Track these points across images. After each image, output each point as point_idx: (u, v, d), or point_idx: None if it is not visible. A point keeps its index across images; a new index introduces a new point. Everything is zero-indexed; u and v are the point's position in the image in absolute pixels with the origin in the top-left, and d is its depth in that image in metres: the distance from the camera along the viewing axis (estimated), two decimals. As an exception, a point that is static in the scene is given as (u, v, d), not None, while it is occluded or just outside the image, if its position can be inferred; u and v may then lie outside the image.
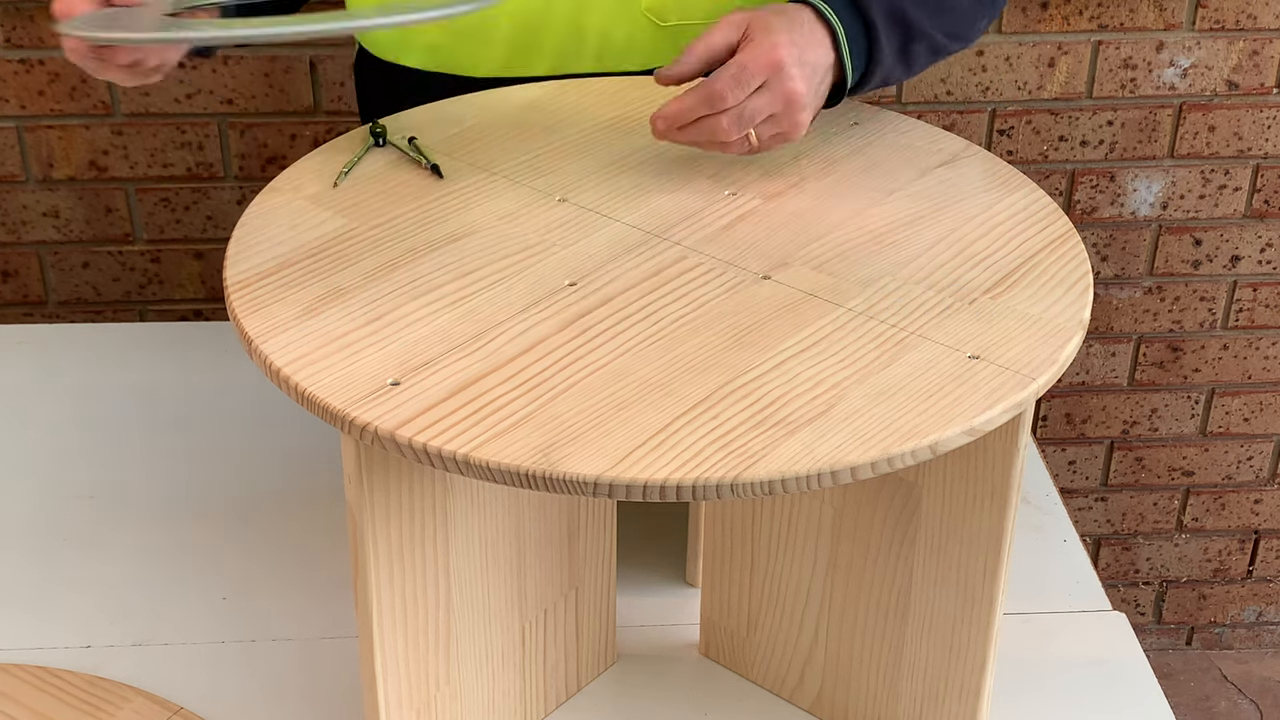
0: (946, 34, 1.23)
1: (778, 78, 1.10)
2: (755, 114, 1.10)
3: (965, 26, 1.25)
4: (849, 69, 1.15)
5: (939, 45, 1.23)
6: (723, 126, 1.10)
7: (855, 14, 1.16)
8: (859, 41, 1.16)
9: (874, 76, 1.18)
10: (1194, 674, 2.40)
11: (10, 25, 1.85)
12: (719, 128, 1.10)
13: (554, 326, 0.96)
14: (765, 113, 1.11)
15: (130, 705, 1.17)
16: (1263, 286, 2.14)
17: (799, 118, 1.12)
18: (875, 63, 1.17)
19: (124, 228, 1.99)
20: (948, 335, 0.96)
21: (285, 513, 1.39)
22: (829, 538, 1.12)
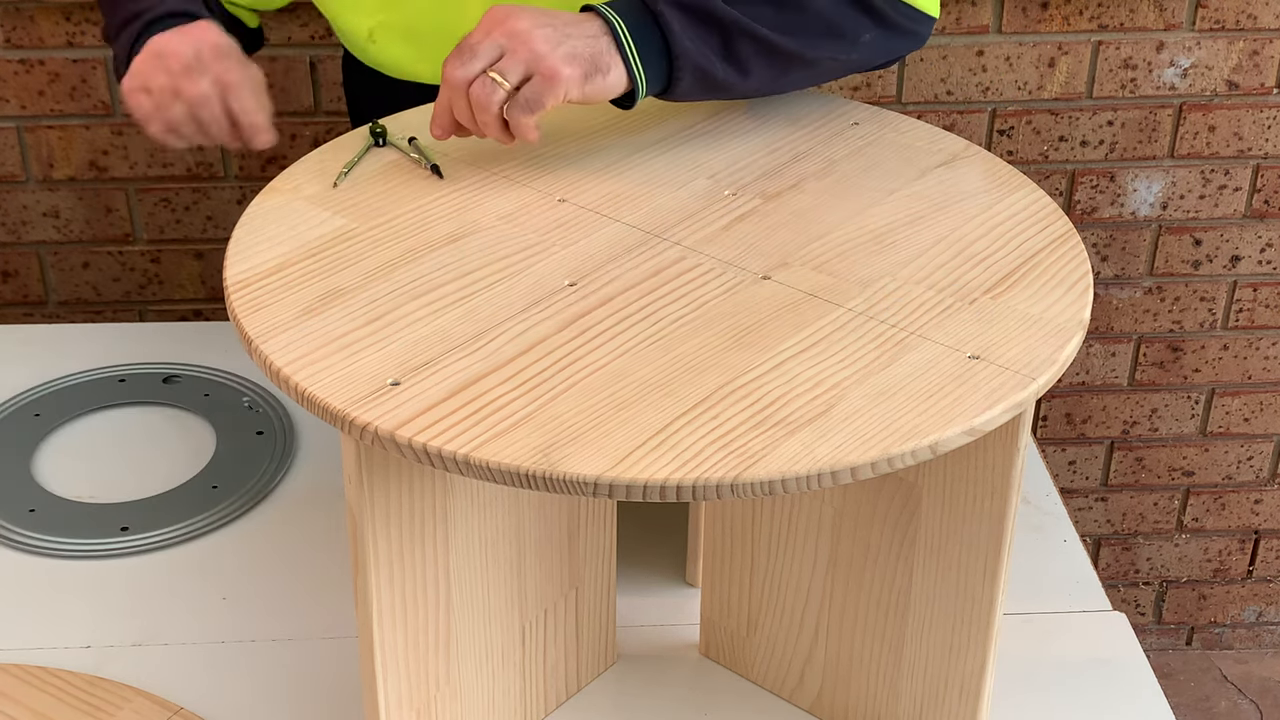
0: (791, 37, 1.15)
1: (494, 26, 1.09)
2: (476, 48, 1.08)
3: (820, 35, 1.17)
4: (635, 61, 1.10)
5: (781, 47, 1.15)
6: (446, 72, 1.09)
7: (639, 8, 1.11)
8: (647, 34, 1.11)
9: (683, 74, 1.12)
10: (1194, 674, 2.40)
11: (10, 25, 1.85)
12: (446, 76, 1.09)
13: (554, 326, 0.96)
14: (489, 48, 1.08)
15: (130, 705, 1.17)
16: (1263, 286, 2.14)
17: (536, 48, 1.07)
18: (678, 57, 1.11)
19: (124, 228, 1.99)
20: (948, 335, 0.96)
21: (285, 512, 1.39)
22: (829, 538, 1.12)
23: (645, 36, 1.11)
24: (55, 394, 1.53)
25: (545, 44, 1.08)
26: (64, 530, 1.36)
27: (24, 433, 1.48)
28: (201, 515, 1.38)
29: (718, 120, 1.23)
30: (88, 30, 1.85)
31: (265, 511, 1.39)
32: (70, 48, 1.86)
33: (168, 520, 1.37)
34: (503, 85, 1.08)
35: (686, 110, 1.25)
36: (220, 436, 1.47)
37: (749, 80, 1.17)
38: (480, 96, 1.08)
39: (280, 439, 1.47)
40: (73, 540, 1.35)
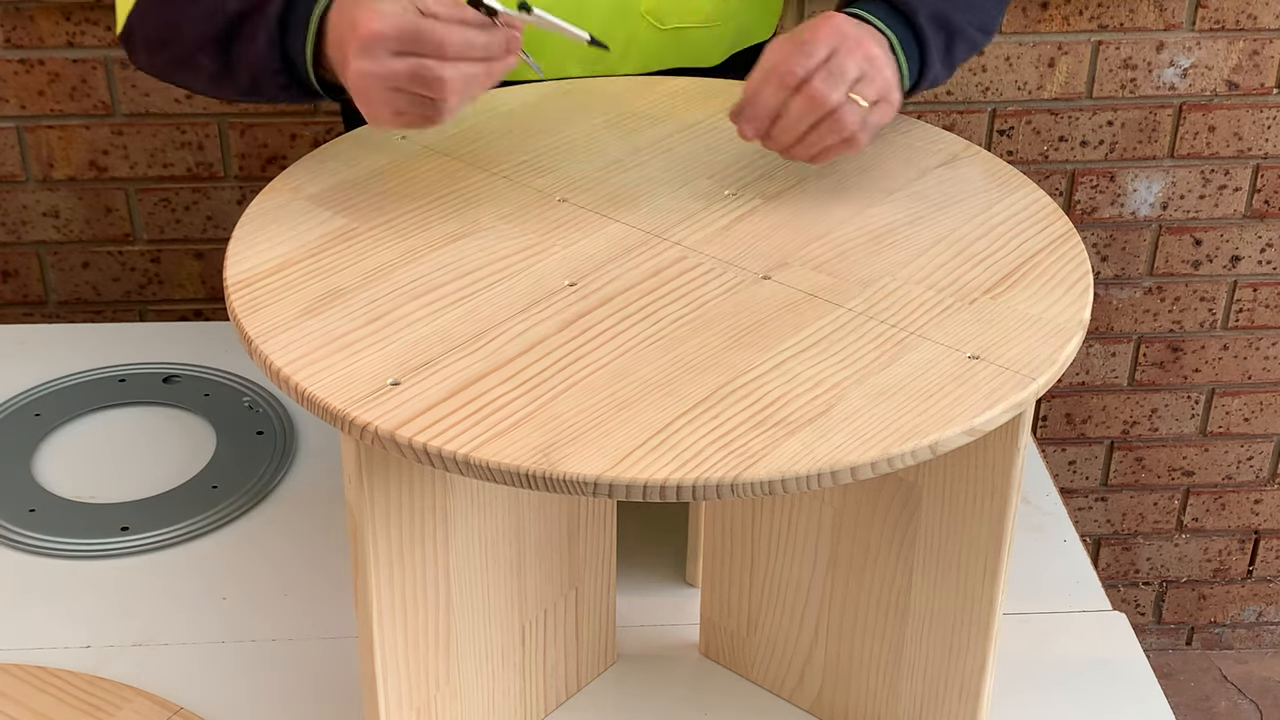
0: (979, 28, 1.21)
1: (845, 41, 1.06)
2: (844, 69, 1.05)
3: (991, 18, 1.24)
4: (904, 71, 1.12)
5: (974, 41, 1.21)
6: (817, 90, 1.04)
7: (901, 20, 1.13)
8: (910, 46, 1.13)
9: (925, 80, 1.16)
10: (1194, 674, 2.40)
11: (10, 25, 1.85)
12: (814, 94, 1.04)
13: (554, 326, 0.96)
14: (853, 69, 1.05)
15: (130, 705, 1.17)
16: (1263, 286, 2.14)
17: (887, 74, 1.07)
18: (927, 66, 1.15)
19: (124, 228, 1.99)
20: (948, 335, 0.96)
21: (285, 513, 1.39)
22: (829, 538, 1.12)
23: (910, 53, 1.13)
24: (55, 394, 1.53)
25: (892, 74, 1.08)
26: (64, 530, 1.36)
27: (24, 433, 1.48)
28: (201, 515, 1.38)
29: (718, 120, 1.23)
30: (88, 30, 1.85)
31: (265, 511, 1.39)
32: (70, 48, 1.86)
33: (168, 520, 1.37)
34: (863, 109, 1.06)
35: (686, 110, 1.25)
36: (220, 436, 1.47)
37: (950, 75, 1.21)
38: (848, 120, 1.05)
39: (280, 439, 1.47)
40: (73, 540, 1.35)
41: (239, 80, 1.13)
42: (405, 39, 1.00)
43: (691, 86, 1.29)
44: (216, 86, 1.17)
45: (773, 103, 1.06)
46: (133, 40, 1.20)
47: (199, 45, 1.13)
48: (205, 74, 1.15)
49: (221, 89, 1.17)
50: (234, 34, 1.11)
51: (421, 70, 1.00)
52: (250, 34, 1.09)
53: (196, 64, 1.14)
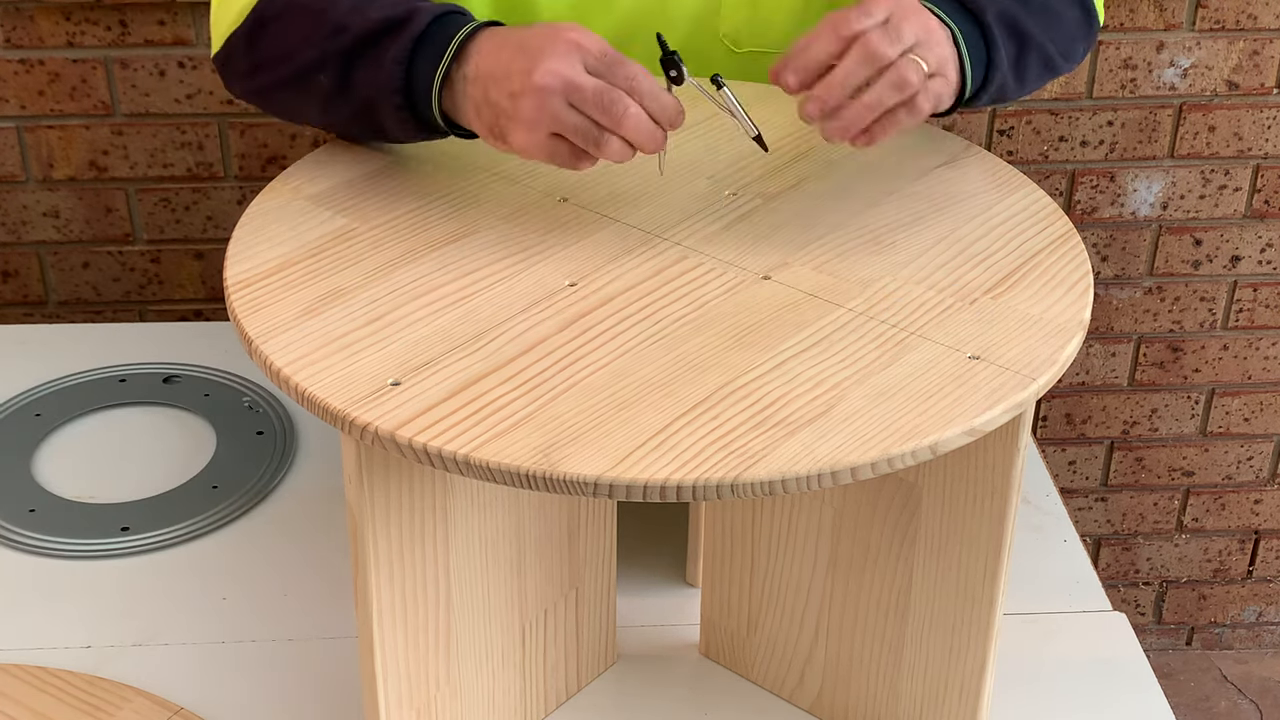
0: (1058, 49, 1.16)
1: (901, 9, 1.01)
2: (901, 31, 0.99)
3: (1070, 45, 1.19)
4: (969, 71, 1.07)
5: (1052, 60, 1.16)
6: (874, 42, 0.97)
7: (968, 16, 1.09)
8: (976, 44, 1.08)
9: (992, 83, 1.10)
10: (1194, 674, 2.40)
11: (10, 25, 1.85)
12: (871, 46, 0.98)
13: (554, 327, 0.96)
14: (910, 36, 1.00)
15: (130, 705, 1.17)
16: (1263, 287, 2.14)
17: (945, 48, 1.02)
18: (994, 67, 1.09)
19: (124, 228, 1.99)
20: (948, 335, 0.96)
21: (285, 512, 1.39)
22: (829, 538, 1.12)
23: (975, 49, 1.08)
24: (55, 394, 1.53)
25: (950, 50, 1.03)
26: (64, 530, 1.36)
27: (24, 433, 1.48)
28: (201, 515, 1.38)
29: (718, 120, 1.23)
30: (88, 30, 1.85)
31: (265, 511, 1.39)
32: (70, 48, 1.86)
33: (168, 520, 1.37)
34: (924, 70, 0.99)
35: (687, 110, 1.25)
36: (220, 436, 1.47)
37: (1021, 92, 1.16)
38: (909, 75, 0.99)
39: (280, 439, 1.47)
40: (73, 540, 1.35)
41: (353, 101, 1.09)
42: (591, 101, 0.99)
43: None
44: (324, 110, 1.13)
45: (823, 53, 1.00)
46: (234, 59, 1.16)
47: (319, 63, 1.10)
48: (319, 95, 1.11)
49: (329, 113, 1.13)
50: (361, 52, 1.08)
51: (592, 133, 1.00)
52: (378, 54, 1.07)
53: (311, 84, 1.11)
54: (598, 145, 1.00)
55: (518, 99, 1.00)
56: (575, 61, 1.00)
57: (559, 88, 0.99)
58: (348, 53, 1.08)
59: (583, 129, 1.00)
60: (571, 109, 0.99)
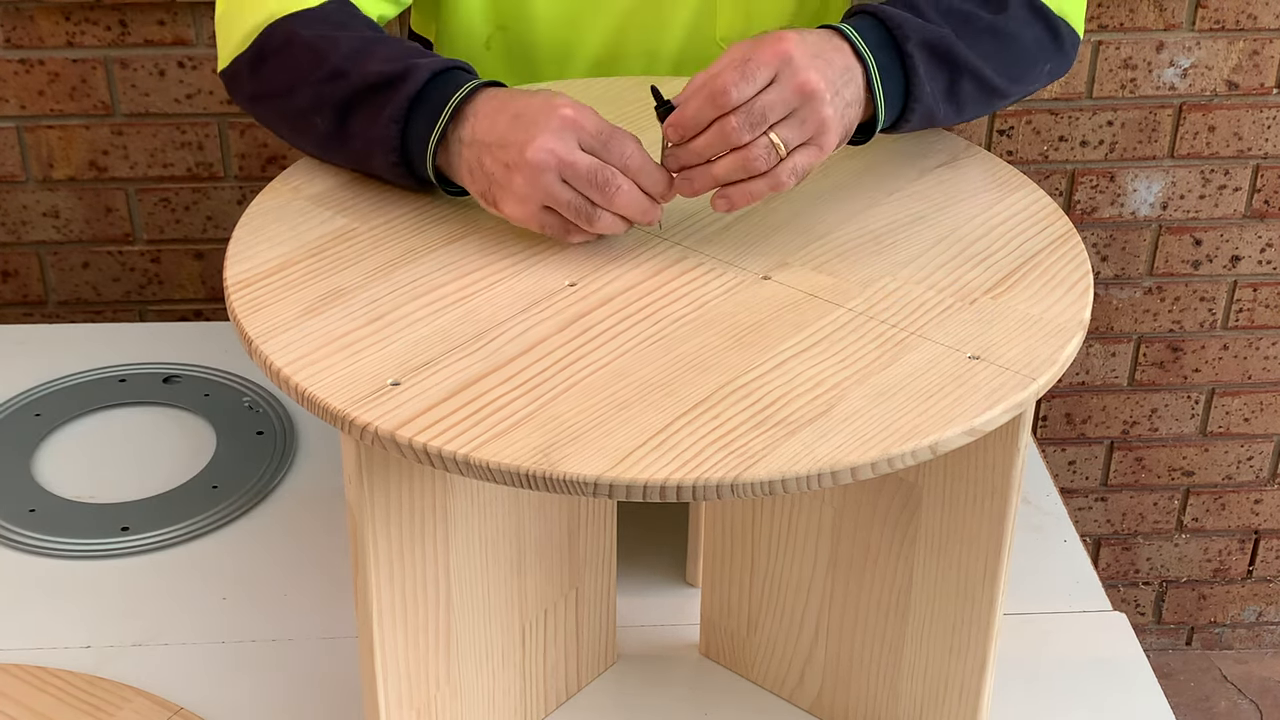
0: (1002, 74, 1.12)
1: (788, 69, 1.00)
2: (768, 109, 0.99)
3: (1024, 68, 1.15)
4: (880, 102, 1.06)
5: (994, 86, 1.12)
6: (731, 126, 0.99)
7: (888, 44, 1.06)
8: (893, 76, 1.06)
9: (914, 113, 1.08)
10: (1194, 674, 2.40)
11: (10, 25, 1.85)
12: (727, 129, 0.99)
13: (554, 327, 0.96)
14: (780, 110, 0.99)
15: (130, 705, 1.17)
16: (1263, 286, 2.14)
17: (823, 112, 1.00)
18: (914, 99, 1.07)
19: (124, 228, 1.99)
20: (948, 335, 0.96)
21: (285, 512, 1.39)
22: (829, 538, 1.12)
23: (891, 78, 1.07)
24: (55, 394, 1.53)
25: (832, 112, 1.01)
26: (64, 530, 1.36)
27: (24, 433, 1.48)
28: (201, 515, 1.38)
29: (718, 120, 1.23)
30: (88, 30, 1.85)
31: (265, 511, 1.39)
32: (70, 48, 1.86)
33: (168, 520, 1.37)
34: (780, 155, 1.01)
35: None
36: (220, 436, 1.47)
37: (959, 118, 1.13)
38: (757, 161, 1.00)
39: (280, 439, 1.47)
40: (73, 540, 1.35)
41: (350, 149, 1.10)
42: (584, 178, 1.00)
43: None
44: (321, 148, 1.13)
45: (700, 118, 1.01)
46: (238, 83, 1.16)
47: (315, 107, 1.10)
48: (314, 135, 1.11)
49: (325, 153, 1.13)
50: (357, 105, 1.08)
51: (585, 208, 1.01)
52: (374, 110, 1.06)
53: (307, 124, 1.11)
54: (590, 221, 1.01)
55: (511, 171, 1.01)
56: (570, 138, 1.00)
57: (553, 164, 0.99)
58: (344, 103, 1.08)
59: (575, 205, 1.01)
60: (565, 185, 1.00)
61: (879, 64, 1.05)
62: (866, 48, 1.05)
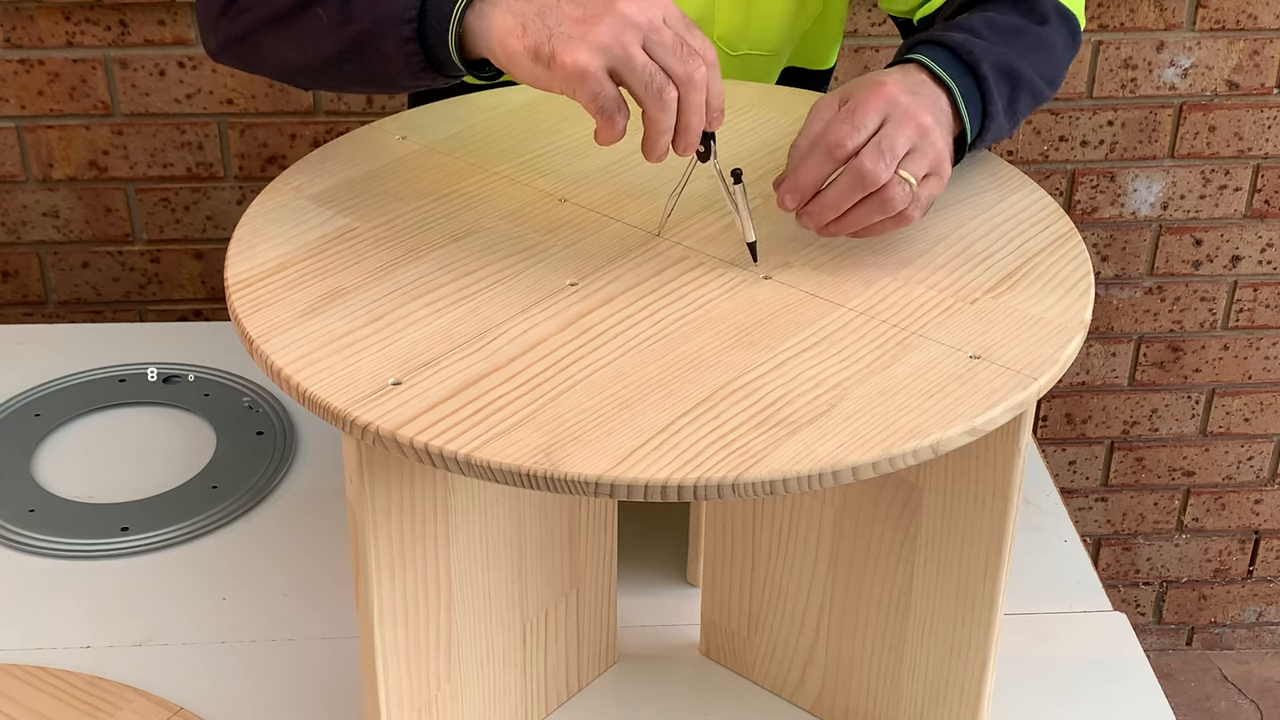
0: (1046, 80, 1.15)
1: (896, 109, 1.01)
2: (894, 144, 0.99)
3: (1059, 71, 1.18)
4: (967, 124, 1.07)
5: (1040, 94, 1.15)
6: (866, 168, 0.98)
7: (964, 69, 1.08)
8: (972, 96, 1.08)
9: (988, 132, 1.10)
10: (1194, 674, 2.40)
11: (10, 25, 1.85)
12: (862, 171, 0.98)
13: (555, 326, 0.96)
14: (903, 143, 0.99)
15: (130, 705, 1.17)
16: (1263, 287, 2.14)
17: (939, 145, 1.01)
18: (989, 118, 1.09)
19: (124, 228, 1.99)
20: (949, 335, 0.96)
21: (285, 512, 1.39)
22: (830, 538, 1.12)
23: (972, 102, 1.08)
24: (55, 394, 1.53)
25: (944, 144, 1.03)
26: (64, 530, 1.36)
27: (24, 433, 1.48)
28: (201, 515, 1.38)
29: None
30: (88, 30, 1.85)
31: (265, 511, 1.39)
32: (70, 48, 1.86)
33: (168, 520, 1.37)
34: (912, 188, 1.00)
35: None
36: (220, 436, 1.47)
37: (1015, 128, 1.15)
38: (896, 199, 0.99)
39: (280, 439, 1.47)
40: (73, 540, 1.35)
41: (356, 29, 1.03)
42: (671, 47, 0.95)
43: None
44: (319, 43, 1.06)
45: (818, 174, 1.01)
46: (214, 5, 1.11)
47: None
48: (313, 30, 1.05)
49: (323, 46, 1.06)
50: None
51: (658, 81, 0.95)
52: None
53: (308, 17, 1.05)
54: (658, 96, 0.95)
55: (589, 23, 0.95)
56: (659, 11, 0.96)
57: (644, 23, 0.94)
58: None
59: (650, 73, 0.95)
60: (644, 52, 0.95)
61: (961, 89, 1.06)
62: (948, 75, 1.06)
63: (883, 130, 1.00)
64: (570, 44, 0.95)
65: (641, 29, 0.95)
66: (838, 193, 1.00)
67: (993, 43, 1.10)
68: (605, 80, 0.95)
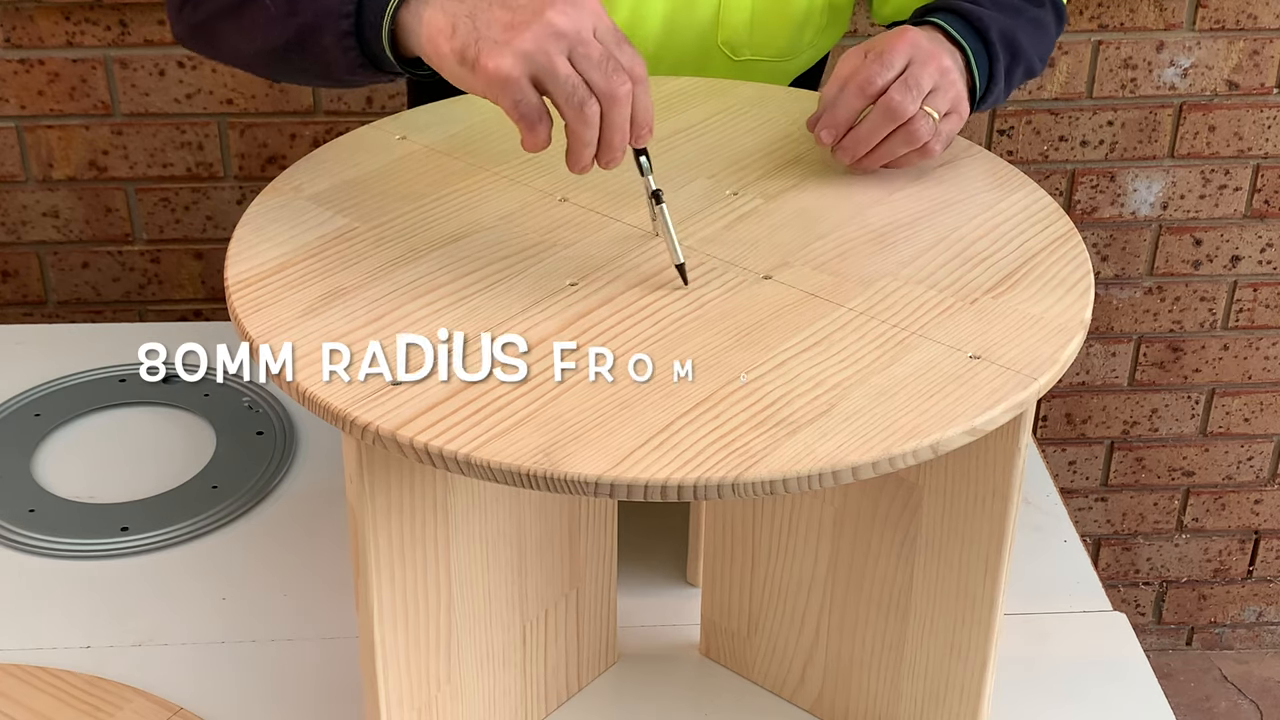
0: (1039, 57, 1.24)
1: (919, 52, 1.10)
2: (919, 81, 1.08)
3: (1049, 49, 1.27)
4: (978, 81, 1.15)
5: (1033, 68, 1.23)
6: (895, 100, 1.07)
7: (975, 33, 1.16)
8: (981, 58, 1.16)
9: (991, 95, 1.18)
10: (1194, 674, 2.40)
11: (10, 25, 1.85)
12: (892, 105, 1.08)
13: (555, 326, 0.96)
14: (928, 81, 1.09)
15: (130, 705, 1.17)
16: (1263, 286, 2.14)
17: (959, 85, 1.11)
18: (993, 80, 1.17)
19: (124, 228, 1.99)
20: (949, 335, 0.96)
21: (285, 513, 1.39)
22: (830, 538, 1.12)
23: (981, 63, 1.16)
24: (55, 394, 1.53)
25: (963, 85, 1.12)
26: (64, 530, 1.36)
27: (24, 433, 1.48)
28: (201, 515, 1.38)
29: (718, 120, 1.23)
30: (88, 30, 1.85)
31: (265, 511, 1.39)
32: (70, 47, 1.86)
33: (168, 520, 1.37)
34: (935, 121, 1.10)
35: (688, 110, 1.25)
36: (220, 436, 1.47)
37: (1005, 99, 1.23)
38: (922, 131, 1.09)
39: (280, 439, 1.47)
40: (73, 540, 1.35)
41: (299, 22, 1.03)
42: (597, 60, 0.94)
43: (693, 86, 1.29)
44: (266, 34, 1.06)
45: (851, 110, 1.09)
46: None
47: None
48: (262, 20, 1.05)
49: (270, 36, 1.06)
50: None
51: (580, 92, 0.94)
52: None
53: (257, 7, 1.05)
54: (580, 109, 0.94)
55: (516, 30, 0.94)
56: (589, 20, 0.95)
57: (570, 34, 0.94)
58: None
59: (573, 85, 0.94)
60: (568, 63, 0.94)
61: (972, 50, 1.15)
62: (960, 36, 1.14)
63: (909, 69, 1.09)
64: (495, 49, 0.95)
65: (568, 39, 0.94)
66: (870, 126, 1.09)
67: (999, 15, 1.18)
68: (527, 88, 0.95)
